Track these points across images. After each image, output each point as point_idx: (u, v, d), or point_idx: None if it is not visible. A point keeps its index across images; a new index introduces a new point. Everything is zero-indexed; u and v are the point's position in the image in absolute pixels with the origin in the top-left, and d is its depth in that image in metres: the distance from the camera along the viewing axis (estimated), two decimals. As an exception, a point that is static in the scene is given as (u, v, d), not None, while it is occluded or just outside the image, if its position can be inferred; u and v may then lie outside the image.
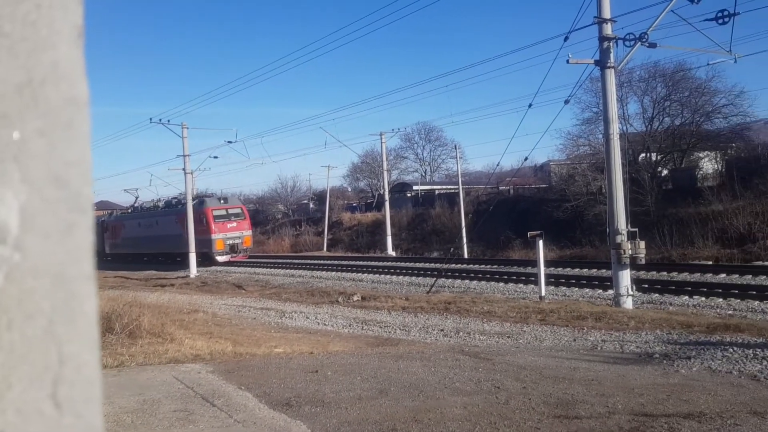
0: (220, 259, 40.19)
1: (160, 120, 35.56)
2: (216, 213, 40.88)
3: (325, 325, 15.68)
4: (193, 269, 35.28)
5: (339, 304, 19.18)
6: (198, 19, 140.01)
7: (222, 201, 43.36)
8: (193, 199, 41.39)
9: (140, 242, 47.82)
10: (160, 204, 48.65)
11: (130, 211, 53.31)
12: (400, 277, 26.90)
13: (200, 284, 29.71)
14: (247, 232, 42.16)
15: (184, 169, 36.82)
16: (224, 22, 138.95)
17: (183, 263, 40.68)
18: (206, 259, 40.37)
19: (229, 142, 38.30)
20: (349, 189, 73.70)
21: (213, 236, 40.08)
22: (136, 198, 52.86)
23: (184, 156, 36.49)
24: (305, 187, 73.45)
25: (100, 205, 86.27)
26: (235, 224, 41.09)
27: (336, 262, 36.53)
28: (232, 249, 40.71)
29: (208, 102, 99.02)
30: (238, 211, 42.63)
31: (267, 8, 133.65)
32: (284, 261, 40.20)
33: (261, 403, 6.69)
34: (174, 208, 45.36)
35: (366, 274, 28.86)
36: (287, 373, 8.29)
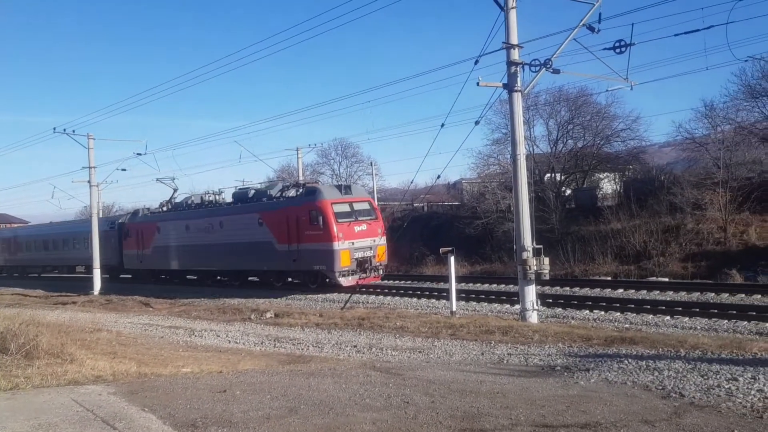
0: (344, 281, 25.45)
1: (65, 130, 34.09)
2: (338, 209, 25.81)
3: (236, 343, 15.39)
4: (97, 285, 33.73)
5: (251, 322, 18.87)
6: (107, 27, 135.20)
7: (344, 191, 27.02)
8: (295, 185, 29.76)
9: (187, 253, 32.65)
10: (221, 198, 33.43)
11: (164, 209, 36.64)
12: (316, 294, 26.74)
13: (105, 302, 28.44)
14: (381, 240, 27.03)
15: (89, 182, 35.46)
16: (134, 30, 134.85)
17: (267, 287, 28.73)
18: (315, 280, 27.02)
19: (139, 154, 36.37)
20: (265, 204, 72.52)
21: (335, 245, 25.16)
22: (175, 190, 36.64)
23: (89, 168, 35.11)
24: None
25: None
26: (364, 227, 26.30)
27: (250, 278, 35.79)
28: (361, 266, 25.94)
29: (117, 112, 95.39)
30: (367, 206, 27.43)
31: (179, 19, 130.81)
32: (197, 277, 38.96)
33: (165, 425, 6.50)
34: (255, 202, 29.93)
35: (281, 291, 28.52)
36: (194, 393, 8.09)
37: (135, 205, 77.76)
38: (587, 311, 17.79)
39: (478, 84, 15.39)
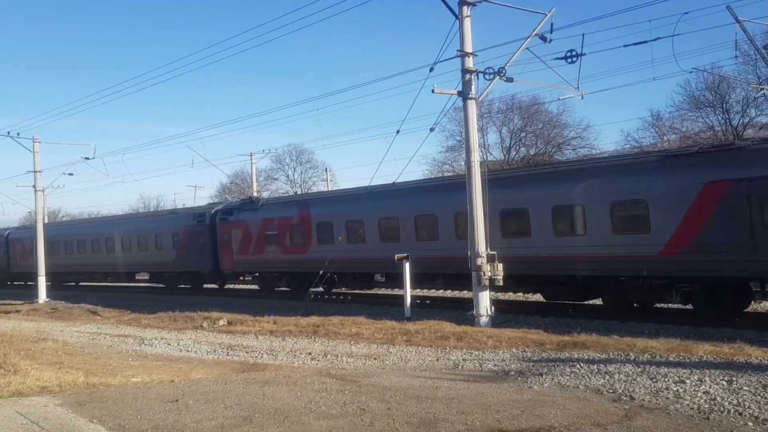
0: None
1: (9, 133, 32.98)
2: None
3: (188, 351, 15.09)
4: (42, 292, 32.66)
5: (204, 329, 18.54)
6: (53, 27, 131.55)
7: None
8: None
9: None
10: None
11: None
12: (270, 300, 26.48)
13: (50, 310, 27.58)
14: None
15: (34, 187, 34.40)
16: (83, 31, 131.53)
17: None
18: None
19: (87, 158, 35.52)
20: (218, 210, 71.58)
21: None
22: None
23: (34, 172, 34.06)
24: (170, 208, 70.55)
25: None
26: None
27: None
28: None
29: (65, 115, 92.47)
30: None
31: (129, 21, 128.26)
32: (145, 284, 38.22)
33: (115, 437, 6.33)
34: None
35: (234, 298, 28.15)
36: (145, 403, 7.90)
37: (81, 211, 75.77)
38: (540, 316, 18.04)
39: (433, 91, 15.51)
